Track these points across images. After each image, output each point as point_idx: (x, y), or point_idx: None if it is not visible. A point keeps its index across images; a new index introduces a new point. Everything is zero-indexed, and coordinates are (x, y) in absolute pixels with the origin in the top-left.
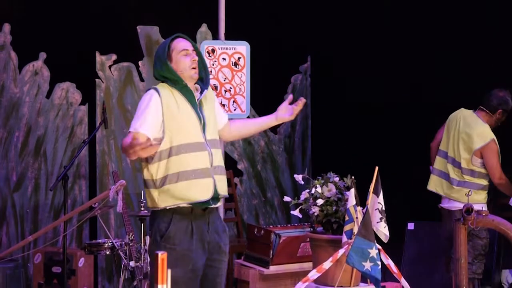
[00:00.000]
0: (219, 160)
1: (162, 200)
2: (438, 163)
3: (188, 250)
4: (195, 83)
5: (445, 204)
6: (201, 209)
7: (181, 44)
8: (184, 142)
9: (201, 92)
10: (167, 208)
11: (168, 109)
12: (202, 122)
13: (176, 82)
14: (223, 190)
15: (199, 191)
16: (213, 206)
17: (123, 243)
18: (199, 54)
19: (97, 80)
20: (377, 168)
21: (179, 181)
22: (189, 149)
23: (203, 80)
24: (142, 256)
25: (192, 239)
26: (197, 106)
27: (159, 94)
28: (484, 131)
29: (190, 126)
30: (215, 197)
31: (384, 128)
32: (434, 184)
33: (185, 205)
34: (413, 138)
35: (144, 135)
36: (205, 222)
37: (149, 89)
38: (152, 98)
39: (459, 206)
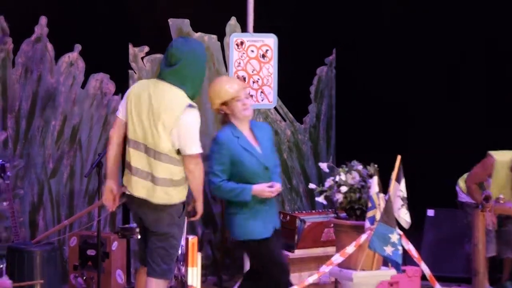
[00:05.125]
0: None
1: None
2: None
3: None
4: None
5: None
6: None
7: None
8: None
9: None
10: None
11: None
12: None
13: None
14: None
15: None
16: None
17: None
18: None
19: (130, 71)
20: (399, 156)
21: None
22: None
23: None
24: None
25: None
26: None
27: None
28: (501, 157)
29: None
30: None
31: (406, 118)
32: None
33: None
34: (434, 126)
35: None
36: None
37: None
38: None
39: None
